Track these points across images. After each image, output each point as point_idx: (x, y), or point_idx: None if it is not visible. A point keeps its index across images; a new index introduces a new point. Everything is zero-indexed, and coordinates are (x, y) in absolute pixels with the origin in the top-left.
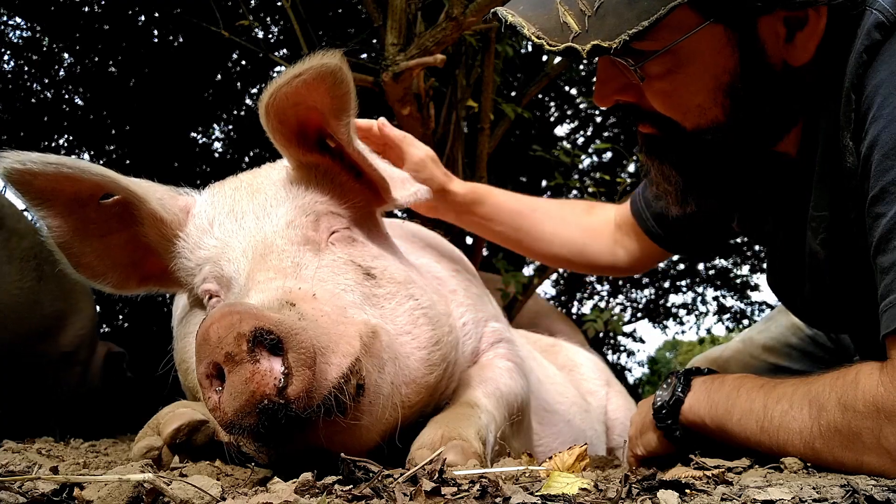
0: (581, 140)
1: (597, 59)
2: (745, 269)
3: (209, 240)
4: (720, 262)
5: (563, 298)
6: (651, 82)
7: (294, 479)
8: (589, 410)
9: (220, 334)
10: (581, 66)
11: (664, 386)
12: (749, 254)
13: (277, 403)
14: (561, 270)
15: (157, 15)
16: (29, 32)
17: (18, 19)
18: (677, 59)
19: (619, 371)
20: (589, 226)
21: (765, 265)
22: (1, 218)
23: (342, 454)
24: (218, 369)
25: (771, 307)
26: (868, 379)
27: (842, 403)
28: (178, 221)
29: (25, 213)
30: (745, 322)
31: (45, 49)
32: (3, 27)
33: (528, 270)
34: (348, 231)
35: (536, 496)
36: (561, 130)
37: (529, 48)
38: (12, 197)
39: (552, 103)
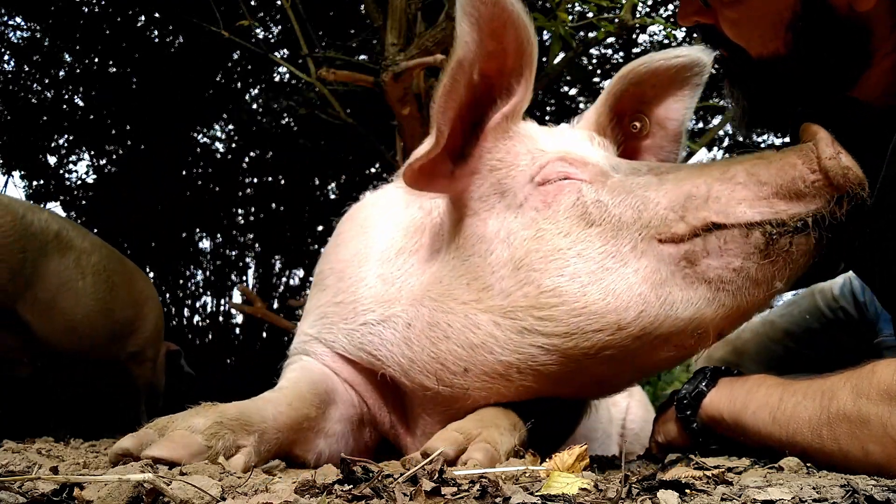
0: None
1: None
2: None
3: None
4: None
5: None
6: (721, 9)
7: (294, 480)
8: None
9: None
10: (583, 64)
11: (691, 379)
12: None
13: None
14: None
15: (157, 15)
16: (29, 32)
17: (18, 19)
18: None
19: None
20: None
21: None
22: (69, 240)
23: (342, 454)
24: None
25: None
26: (885, 369)
27: (855, 391)
28: None
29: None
30: None
31: (45, 49)
32: (3, 27)
33: None
34: None
35: (536, 496)
36: None
37: None
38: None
39: (552, 103)
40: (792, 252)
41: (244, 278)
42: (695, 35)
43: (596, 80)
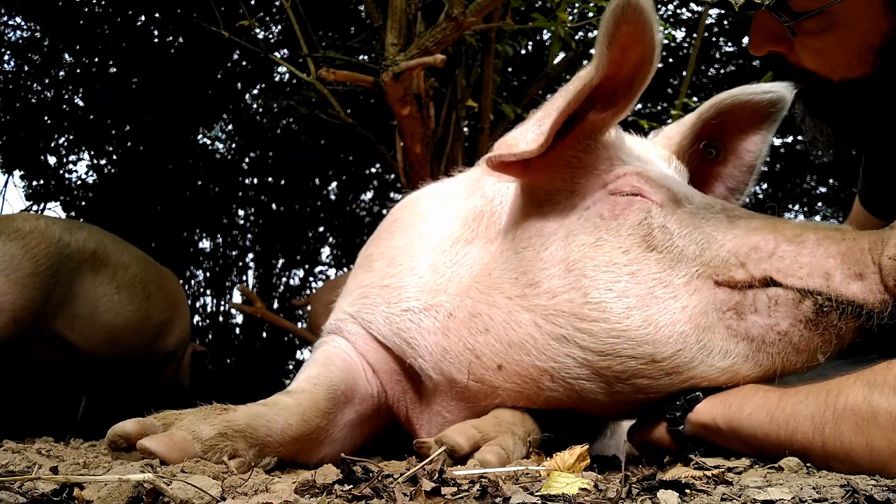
0: None
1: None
2: None
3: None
4: None
5: None
6: (803, 38)
7: (294, 480)
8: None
9: None
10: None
11: None
12: None
13: None
14: None
15: (157, 15)
16: (29, 32)
17: (18, 19)
18: (831, 19)
19: None
20: None
21: None
22: (105, 256)
23: (342, 454)
24: None
25: None
26: None
27: (867, 385)
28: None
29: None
30: None
31: (45, 49)
32: (3, 27)
33: None
34: None
35: (536, 496)
36: None
37: (530, 48)
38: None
39: None
40: (840, 328)
41: (244, 278)
42: (694, 35)
43: None
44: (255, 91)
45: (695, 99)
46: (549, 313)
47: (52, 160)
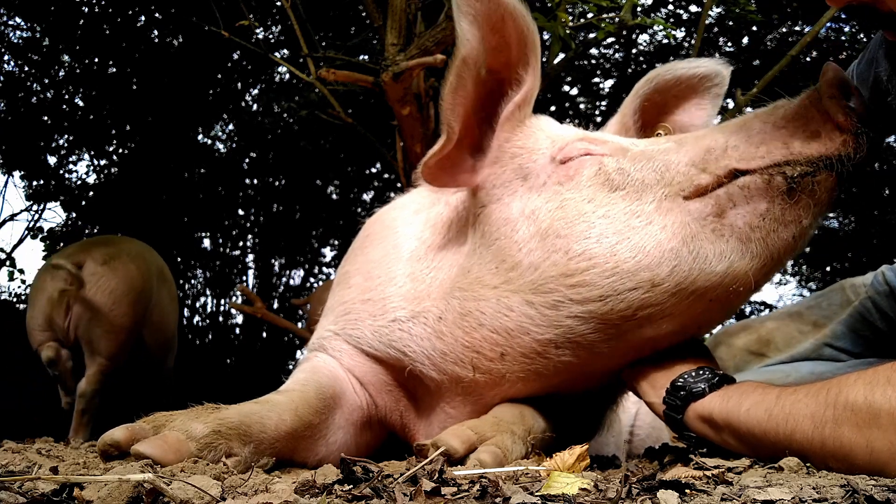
0: None
1: None
2: None
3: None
4: None
5: None
6: None
7: (294, 480)
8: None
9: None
10: (583, 64)
11: (700, 372)
12: None
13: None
14: None
15: (157, 15)
16: (29, 33)
17: (18, 19)
18: None
19: None
20: None
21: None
22: (166, 273)
23: (342, 454)
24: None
25: (771, 307)
26: None
27: (869, 384)
28: None
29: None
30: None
31: (45, 49)
32: (3, 27)
33: None
34: None
35: (536, 496)
36: None
37: None
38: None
39: (552, 103)
40: (816, 191)
41: (244, 278)
42: (694, 34)
43: (596, 80)
44: (256, 91)
45: None
46: (538, 285)
47: (52, 160)
